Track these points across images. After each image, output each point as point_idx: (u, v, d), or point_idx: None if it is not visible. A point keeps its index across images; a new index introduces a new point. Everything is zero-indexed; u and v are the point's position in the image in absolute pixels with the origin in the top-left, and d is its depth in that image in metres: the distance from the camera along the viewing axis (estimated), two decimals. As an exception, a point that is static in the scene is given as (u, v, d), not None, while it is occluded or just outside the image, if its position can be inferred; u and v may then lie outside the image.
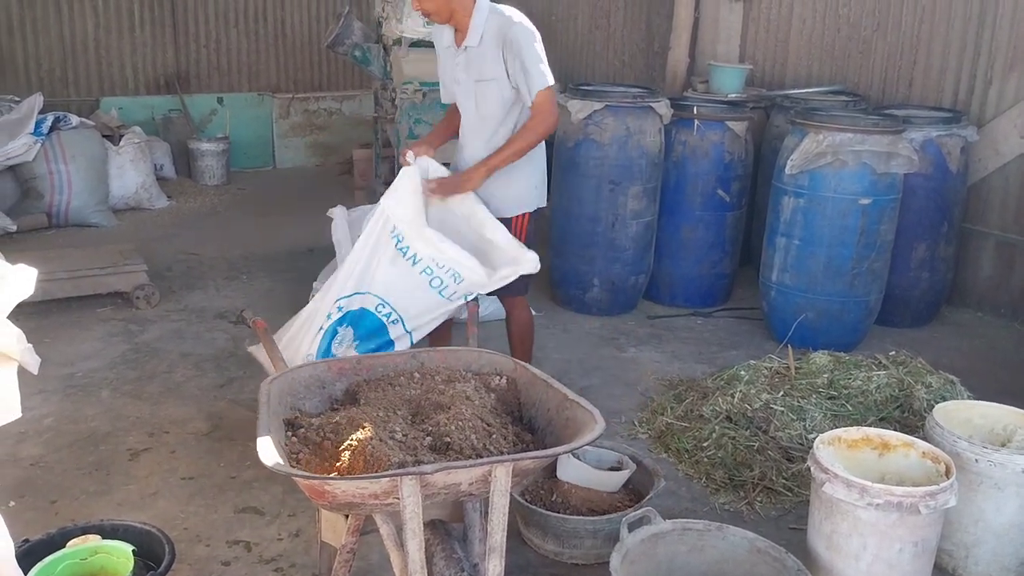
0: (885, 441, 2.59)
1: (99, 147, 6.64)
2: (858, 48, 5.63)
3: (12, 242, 5.75)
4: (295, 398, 2.43)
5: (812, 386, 3.56)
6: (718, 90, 5.74)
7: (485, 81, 3.17)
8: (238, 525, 2.89)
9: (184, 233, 6.42)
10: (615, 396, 3.96)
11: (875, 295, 4.44)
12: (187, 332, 4.56)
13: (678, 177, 4.96)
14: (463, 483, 1.96)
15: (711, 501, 3.11)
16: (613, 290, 4.92)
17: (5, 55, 7.71)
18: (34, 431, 3.45)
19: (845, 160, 4.18)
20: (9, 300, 2.39)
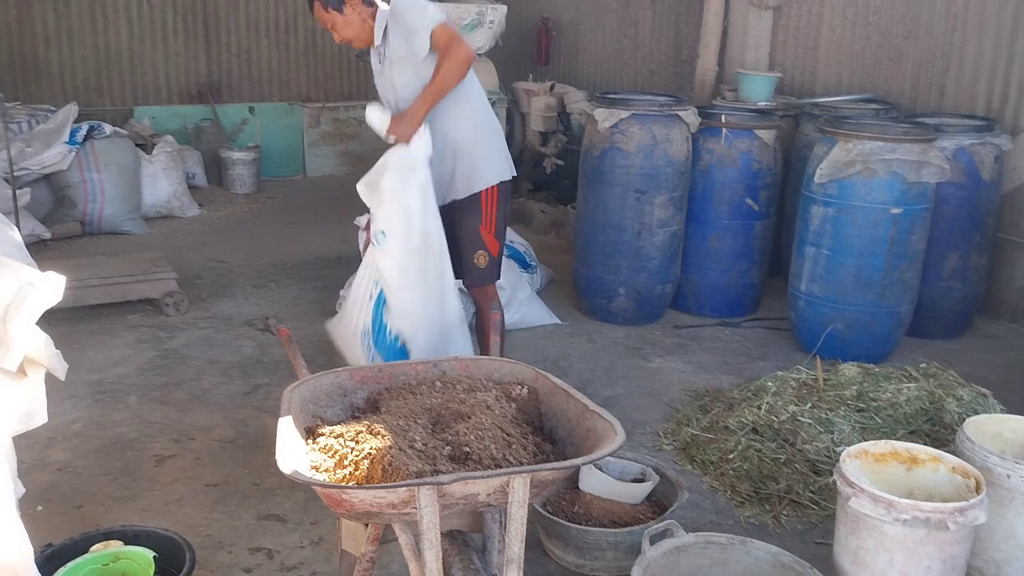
0: (913, 455, 2.54)
1: (132, 156, 6.73)
2: (889, 56, 5.56)
3: (46, 249, 5.84)
4: (317, 406, 2.44)
5: (840, 398, 3.51)
6: (747, 98, 5.71)
7: (396, 65, 3.26)
8: (260, 532, 2.90)
9: (214, 241, 6.49)
10: (640, 407, 3.93)
11: (906, 306, 4.37)
12: (215, 339, 4.60)
13: (705, 186, 4.93)
14: (481, 493, 1.96)
15: (736, 514, 3.07)
16: (639, 299, 4.89)
17: (42, 65, 7.86)
18: (63, 436, 3.49)
19: (875, 169, 4.12)
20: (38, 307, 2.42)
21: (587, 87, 7.75)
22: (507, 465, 2.10)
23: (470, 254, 3.44)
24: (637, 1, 7.63)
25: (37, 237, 5.98)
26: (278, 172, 8.60)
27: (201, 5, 8.28)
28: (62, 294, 2.42)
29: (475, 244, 3.42)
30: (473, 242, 3.42)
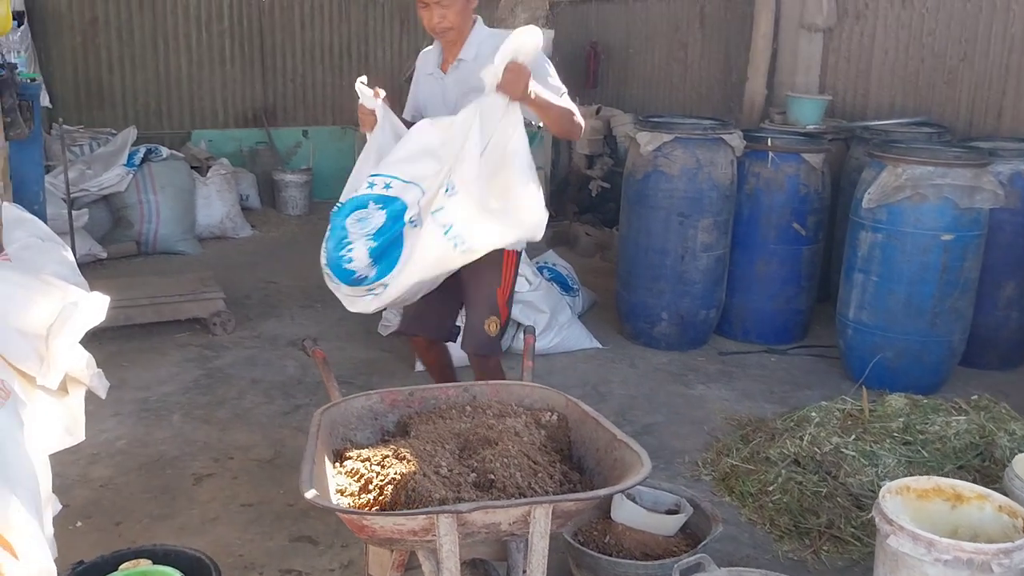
0: (958, 492, 2.45)
1: (187, 178, 6.90)
2: (943, 78, 5.44)
3: (102, 268, 6.00)
4: (347, 428, 2.45)
5: (886, 430, 3.40)
6: (796, 121, 5.63)
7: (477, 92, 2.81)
8: (292, 554, 2.91)
9: (265, 262, 6.59)
10: (680, 435, 3.87)
11: (958, 335, 4.24)
12: (259, 359, 4.66)
13: (751, 210, 4.86)
14: (503, 523, 1.93)
15: (774, 549, 2.99)
16: (682, 324, 4.83)
17: (105, 90, 8.12)
18: (106, 453, 3.56)
19: (925, 194, 4.02)
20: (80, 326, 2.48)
21: (635, 110, 7.72)
22: (531, 494, 2.08)
23: (480, 318, 2.99)
24: (687, 24, 7.60)
25: (94, 256, 6.15)
26: (330, 194, 8.65)
27: (258, 31, 8.49)
28: (105, 314, 2.49)
29: (489, 308, 2.99)
30: (487, 305, 2.99)
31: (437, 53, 3.15)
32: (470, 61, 2.99)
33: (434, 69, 3.13)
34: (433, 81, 3.13)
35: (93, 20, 7.98)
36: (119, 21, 8.07)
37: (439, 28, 2.96)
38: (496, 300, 3.00)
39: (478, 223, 2.67)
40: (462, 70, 3.02)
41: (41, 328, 2.37)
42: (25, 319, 2.36)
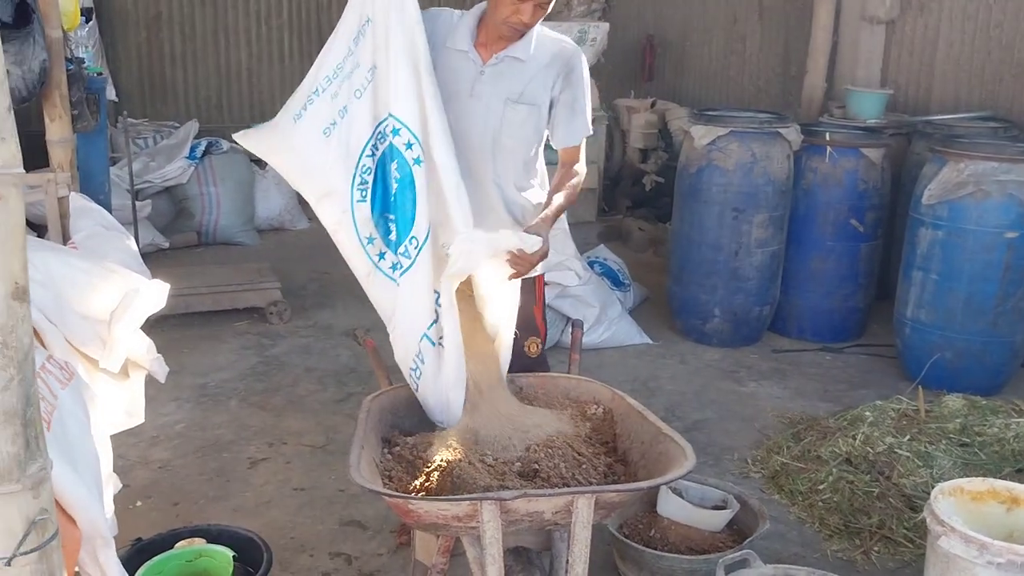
0: (1014, 495, 2.39)
1: (247, 171, 7.03)
2: (1011, 72, 5.28)
3: (164, 257, 6.15)
4: (396, 416, 2.48)
5: (942, 431, 3.34)
6: (856, 115, 5.51)
7: (523, 104, 2.55)
8: (342, 538, 2.97)
9: (320, 253, 6.66)
10: (730, 432, 3.84)
11: (1021, 336, 4.12)
12: (314, 348, 4.75)
13: (808, 205, 4.79)
14: (546, 512, 1.95)
15: (823, 548, 2.96)
16: (735, 321, 4.78)
17: (168, 84, 8.32)
18: (166, 436, 3.67)
19: (988, 191, 3.91)
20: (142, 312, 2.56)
21: (692, 104, 7.65)
22: (575, 484, 2.09)
23: (521, 341, 2.73)
24: (745, 17, 7.50)
25: (156, 246, 6.32)
26: (385, 187, 8.81)
27: (316, 26, 8.60)
28: (166, 301, 2.57)
29: (528, 329, 2.76)
30: (525, 327, 2.73)
31: (469, 27, 2.58)
32: (525, 61, 2.57)
33: (468, 47, 2.57)
34: (464, 61, 2.57)
35: (157, 16, 8.18)
36: (181, 17, 8.25)
37: (526, 25, 2.49)
38: (534, 320, 2.83)
39: None
40: (510, 69, 2.57)
41: (104, 313, 2.46)
42: (89, 304, 2.45)
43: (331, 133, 2.37)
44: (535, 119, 2.59)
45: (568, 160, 2.64)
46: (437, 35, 2.54)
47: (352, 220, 2.40)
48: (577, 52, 2.63)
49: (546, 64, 2.56)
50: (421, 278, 2.35)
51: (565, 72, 2.57)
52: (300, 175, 2.49)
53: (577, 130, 2.63)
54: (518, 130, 2.59)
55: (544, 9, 2.46)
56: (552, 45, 2.60)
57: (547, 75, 2.56)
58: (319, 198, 2.45)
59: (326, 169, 2.39)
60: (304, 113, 2.39)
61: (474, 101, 2.56)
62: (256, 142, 2.55)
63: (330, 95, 2.37)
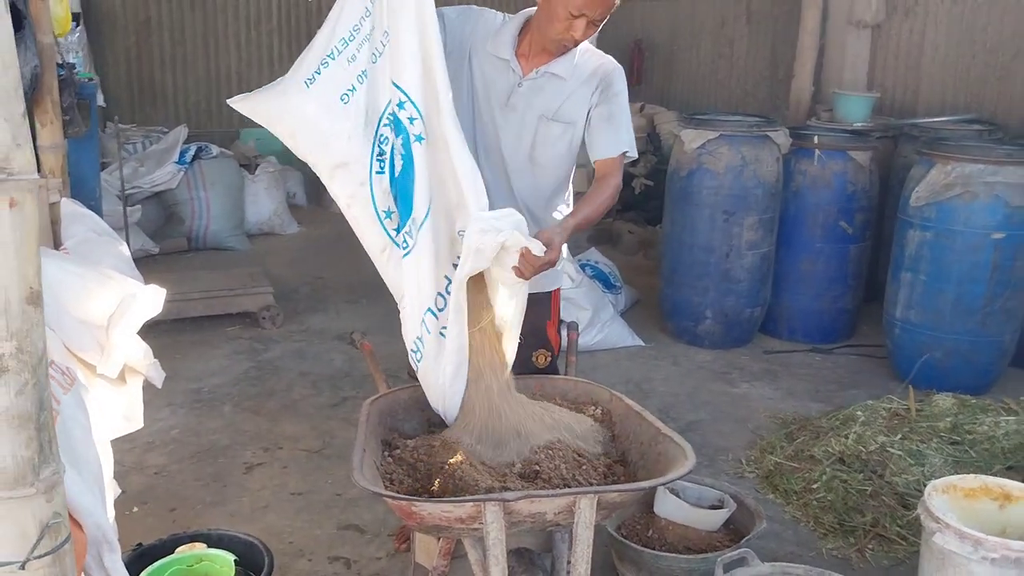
0: (1007, 492, 2.42)
1: (236, 176, 7.03)
2: (996, 75, 5.35)
3: (154, 263, 6.13)
4: (395, 419, 2.49)
5: (933, 430, 3.38)
6: (843, 119, 5.57)
7: (558, 122, 2.50)
8: (340, 542, 2.98)
9: (311, 258, 6.70)
10: (723, 433, 3.87)
11: (1009, 335, 4.18)
12: (307, 352, 4.75)
13: (797, 208, 4.83)
14: (548, 513, 1.96)
15: (818, 546, 2.99)
16: (727, 322, 4.82)
17: (157, 89, 8.31)
18: (161, 441, 3.66)
19: (976, 192, 3.97)
20: (139, 318, 2.56)
21: (680, 108, 7.70)
22: (576, 485, 2.11)
23: (528, 351, 2.65)
24: (732, 21, 7.56)
25: (146, 252, 6.30)
26: (374, 192, 8.81)
27: (306, 31, 8.60)
28: (162, 306, 2.57)
29: (538, 341, 2.72)
30: (536, 339, 2.70)
31: (512, 34, 2.50)
32: (560, 79, 2.49)
33: (510, 56, 2.49)
34: (504, 69, 2.50)
35: (146, 21, 8.17)
36: (171, 22, 8.25)
37: (576, 42, 2.43)
38: (546, 334, 2.76)
39: None
40: (549, 84, 2.49)
41: (101, 319, 2.46)
42: (86, 310, 2.45)
43: (349, 99, 2.24)
44: (569, 137, 2.52)
45: (603, 173, 2.51)
46: (477, 35, 2.51)
47: (370, 192, 2.27)
48: (617, 69, 2.55)
49: (584, 80, 2.49)
50: (424, 258, 2.23)
51: (603, 87, 2.50)
52: (312, 144, 2.30)
53: (614, 142, 2.51)
54: (552, 147, 2.52)
55: (596, 27, 2.39)
56: (592, 62, 2.53)
57: (585, 91, 2.50)
58: (333, 169, 2.29)
59: (343, 138, 2.24)
60: (318, 77, 2.23)
61: (509, 112, 2.50)
62: (257, 107, 2.36)
63: (347, 58, 2.23)
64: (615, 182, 2.49)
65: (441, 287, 2.25)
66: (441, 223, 2.23)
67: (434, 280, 2.24)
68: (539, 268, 2.13)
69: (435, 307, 2.27)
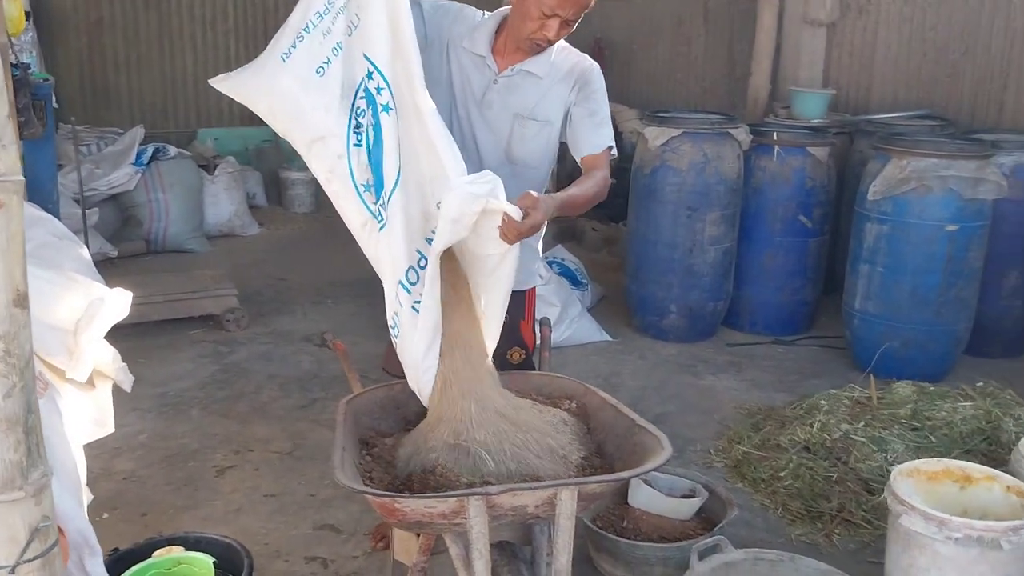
0: (967, 474, 2.51)
1: (195, 177, 6.95)
2: (946, 72, 5.50)
3: (113, 267, 6.04)
4: (371, 418, 2.49)
5: (894, 417, 3.47)
6: (800, 115, 5.68)
7: (534, 120, 2.50)
8: (316, 542, 2.97)
9: (274, 259, 6.65)
10: (691, 424, 3.93)
11: (963, 324, 4.30)
12: (274, 354, 4.72)
13: (758, 203, 4.92)
14: (529, 505, 1.99)
15: (787, 532, 3.06)
16: (691, 316, 4.89)
17: (111, 90, 8.17)
18: (128, 447, 3.62)
19: (930, 186, 4.08)
20: (107, 321, 2.54)
21: (640, 106, 7.76)
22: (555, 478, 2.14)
23: (503, 348, 2.56)
24: (690, 20, 7.65)
25: (104, 255, 6.19)
26: (335, 192, 8.75)
27: (263, 31, 8.52)
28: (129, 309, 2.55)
29: (512, 340, 2.68)
30: (510, 337, 2.64)
31: (489, 30, 2.50)
32: (537, 78, 2.48)
33: (486, 52, 2.48)
34: (480, 66, 2.50)
35: (99, 20, 8.02)
36: (124, 21, 8.11)
37: (550, 42, 2.42)
38: (520, 332, 2.73)
39: None
40: (524, 82, 2.49)
41: (69, 323, 2.43)
42: (54, 314, 2.42)
43: (325, 72, 2.21)
44: (546, 135, 2.52)
45: (591, 167, 2.48)
46: (455, 31, 2.51)
47: (348, 166, 2.22)
48: (595, 67, 2.55)
49: (561, 79, 2.49)
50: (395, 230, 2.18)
51: (581, 85, 2.49)
52: (289, 119, 2.26)
53: (599, 138, 2.50)
54: (527, 145, 2.50)
55: (570, 27, 2.39)
56: (569, 60, 2.52)
57: (561, 89, 2.49)
58: (310, 143, 2.25)
59: (320, 110, 2.21)
60: (294, 51, 2.21)
61: (485, 110, 2.49)
62: (236, 86, 2.32)
63: (322, 32, 2.20)
64: (603, 174, 2.47)
65: (413, 260, 2.20)
66: (413, 195, 2.17)
67: (406, 253, 2.19)
68: (524, 232, 2.06)
69: (407, 280, 2.21)
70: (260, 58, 2.28)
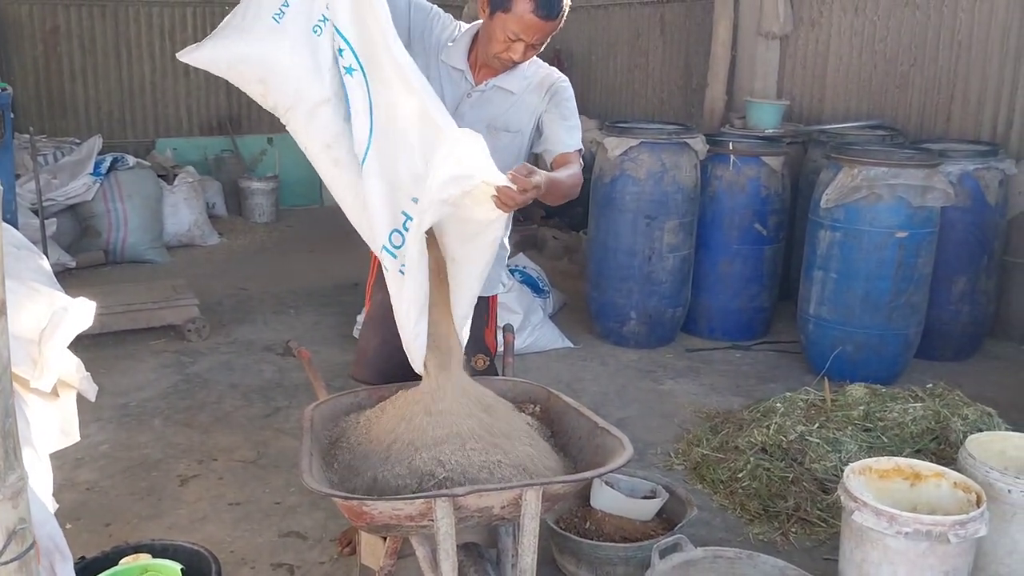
0: (916, 471, 2.61)
1: (154, 186, 6.90)
2: (895, 83, 5.67)
3: (71, 277, 5.98)
4: (337, 424, 2.53)
5: (848, 418, 3.57)
6: (755, 126, 5.81)
7: (507, 132, 2.56)
8: (282, 549, 2.99)
9: (234, 269, 6.63)
10: (652, 428, 4.00)
11: (914, 328, 4.44)
12: (236, 364, 4.71)
13: (715, 211, 5.03)
14: (495, 506, 2.03)
15: (745, 531, 3.14)
16: (650, 323, 4.97)
17: (68, 99, 8.08)
18: (90, 457, 3.60)
19: (880, 194, 4.21)
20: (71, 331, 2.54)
21: (599, 116, 7.88)
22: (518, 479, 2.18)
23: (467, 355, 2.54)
24: (647, 32, 7.79)
25: (63, 266, 6.12)
26: (296, 201, 8.75)
27: (222, 39, 8.50)
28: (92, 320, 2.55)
29: (476, 347, 2.69)
30: (475, 344, 2.65)
31: (466, 44, 2.56)
32: (510, 93, 2.56)
33: (464, 66, 2.55)
34: (457, 77, 2.56)
35: (54, 29, 7.94)
36: (80, 30, 8.04)
37: (515, 63, 2.49)
38: (484, 341, 2.77)
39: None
40: (497, 96, 2.56)
41: (33, 333, 2.43)
42: (17, 324, 2.40)
43: (322, 31, 2.15)
44: (517, 146, 2.59)
45: (564, 163, 2.53)
46: (431, 39, 2.54)
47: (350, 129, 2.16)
48: (564, 80, 2.64)
49: (531, 90, 2.57)
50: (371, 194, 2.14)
51: (551, 95, 2.58)
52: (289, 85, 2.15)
53: (572, 139, 2.57)
54: (499, 155, 2.39)
55: (536, 49, 2.47)
56: (539, 74, 2.60)
57: (531, 99, 2.57)
58: (316, 106, 2.17)
59: (325, 71, 2.14)
60: (287, 11, 2.13)
61: (458, 120, 2.40)
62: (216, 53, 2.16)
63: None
64: (578, 169, 2.51)
65: (398, 223, 2.14)
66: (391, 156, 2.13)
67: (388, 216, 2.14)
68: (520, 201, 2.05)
69: (391, 244, 2.16)
70: (237, 22, 2.15)
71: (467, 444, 2.16)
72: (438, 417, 2.24)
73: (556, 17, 2.40)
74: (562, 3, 2.39)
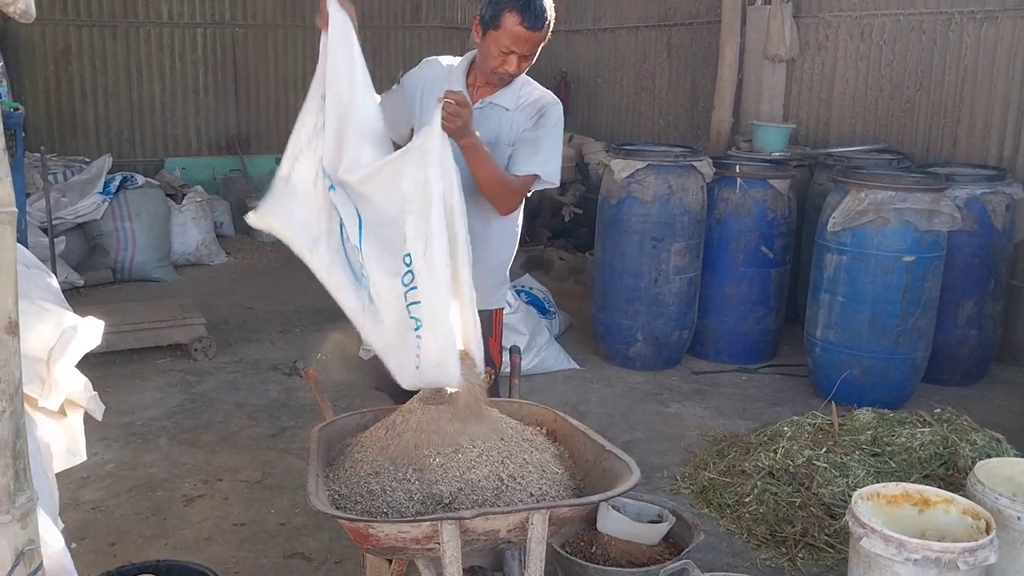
0: (925, 497, 2.59)
1: (163, 206, 6.94)
2: (901, 107, 5.69)
3: (79, 296, 6.01)
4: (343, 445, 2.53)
5: (855, 443, 3.56)
6: (761, 149, 5.83)
7: (499, 146, 2.68)
8: (286, 570, 2.98)
9: (241, 288, 6.64)
10: (658, 451, 3.99)
11: (921, 352, 4.43)
12: (242, 383, 4.71)
13: (721, 234, 5.04)
14: (502, 530, 2.03)
15: (752, 556, 3.12)
16: (657, 345, 4.97)
17: (78, 118, 8.15)
18: (96, 476, 3.60)
19: (887, 218, 4.21)
20: (79, 350, 2.54)
21: (605, 138, 7.92)
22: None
23: None
24: (654, 55, 7.83)
25: (71, 284, 6.16)
26: (303, 221, 8.76)
27: (231, 61, 8.57)
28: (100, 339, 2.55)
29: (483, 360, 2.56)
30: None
31: (464, 70, 2.75)
32: (504, 110, 2.69)
33: (462, 87, 2.70)
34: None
35: (66, 49, 8.03)
36: (92, 50, 8.13)
37: (511, 75, 2.65)
38: (490, 351, 2.74)
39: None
40: (493, 114, 2.70)
41: (42, 352, 2.44)
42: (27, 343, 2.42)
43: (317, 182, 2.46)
44: (503, 161, 2.68)
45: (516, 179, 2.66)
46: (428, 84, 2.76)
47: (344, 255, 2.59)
48: (555, 102, 2.75)
49: (523, 109, 2.72)
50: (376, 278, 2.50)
51: (539, 116, 2.70)
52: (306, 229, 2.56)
53: (529, 163, 2.65)
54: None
55: (529, 61, 2.66)
56: (533, 94, 2.74)
57: (521, 118, 2.71)
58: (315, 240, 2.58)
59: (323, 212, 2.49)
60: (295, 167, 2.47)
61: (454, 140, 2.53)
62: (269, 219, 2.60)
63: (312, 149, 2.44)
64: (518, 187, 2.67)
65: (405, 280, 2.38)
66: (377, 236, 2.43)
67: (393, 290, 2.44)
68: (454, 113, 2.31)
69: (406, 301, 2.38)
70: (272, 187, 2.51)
71: (474, 467, 2.16)
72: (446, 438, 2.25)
73: (542, 28, 2.59)
74: (546, 15, 2.58)
